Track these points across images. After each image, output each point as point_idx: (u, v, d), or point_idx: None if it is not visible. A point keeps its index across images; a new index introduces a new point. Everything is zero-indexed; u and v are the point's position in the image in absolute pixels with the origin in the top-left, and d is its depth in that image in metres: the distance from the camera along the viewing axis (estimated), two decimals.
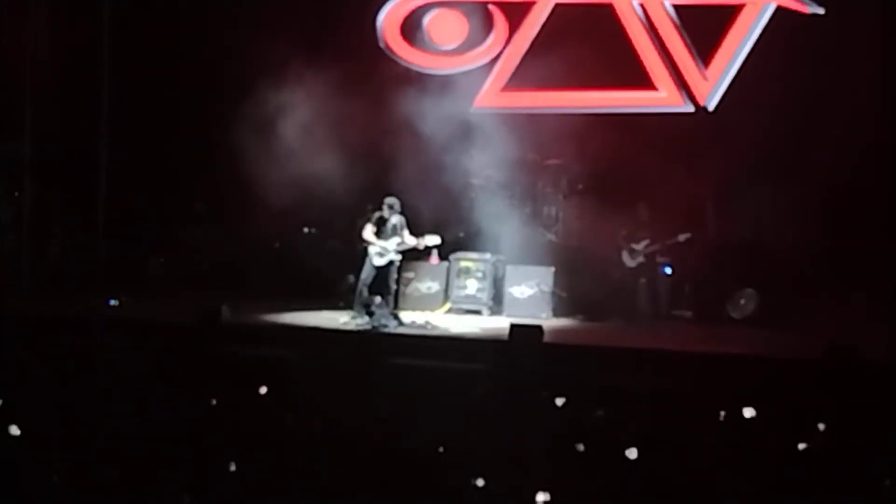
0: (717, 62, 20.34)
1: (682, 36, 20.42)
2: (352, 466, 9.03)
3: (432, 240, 18.52)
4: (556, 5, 20.79)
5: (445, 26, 21.20)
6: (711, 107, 20.36)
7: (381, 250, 18.26)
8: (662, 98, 20.51)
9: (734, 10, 20.28)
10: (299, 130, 19.94)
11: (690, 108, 20.38)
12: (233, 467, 9.08)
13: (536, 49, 20.79)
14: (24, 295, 20.16)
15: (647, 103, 20.57)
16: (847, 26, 19.71)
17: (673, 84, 20.42)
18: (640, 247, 19.94)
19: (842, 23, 19.68)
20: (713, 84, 20.33)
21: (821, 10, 19.85)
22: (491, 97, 21.06)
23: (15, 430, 9.55)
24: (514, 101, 21.06)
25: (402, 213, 18.42)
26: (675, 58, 20.45)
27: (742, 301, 19.84)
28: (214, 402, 10.73)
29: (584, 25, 20.32)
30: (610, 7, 20.56)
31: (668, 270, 20.17)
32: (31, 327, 16.01)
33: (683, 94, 20.41)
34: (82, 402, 10.58)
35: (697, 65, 20.38)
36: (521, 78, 20.92)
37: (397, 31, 21.23)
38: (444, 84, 20.48)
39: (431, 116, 19.83)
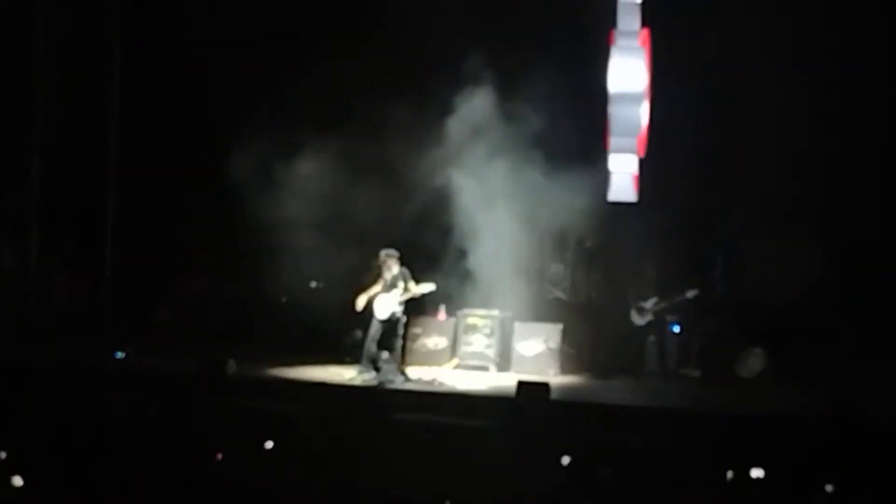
0: None
1: None
2: None
3: (427, 287, 18.49)
4: None
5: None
6: None
7: (384, 302, 18.29)
8: None
9: None
10: (307, 184, 19.97)
11: None
12: None
13: None
14: (29, 345, 20.13)
15: None
16: (848, 69, 19.71)
17: None
18: (648, 304, 19.88)
19: (843, 64, 19.68)
20: None
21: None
22: None
23: (18, 481, 9.52)
24: None
25: (402, 264, 18.42)
26: None
27: (750, 360, 19.79)
28: (220, 455, 10.69)
29: None
30: None
31: (677, 329, 20.13)
32: (36, 377, 15.99)
33: None
34: (87, 452, 10.54)
35: None
36: None
37: None
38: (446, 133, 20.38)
39: (443, 170, 19.87)
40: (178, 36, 21.77)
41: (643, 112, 19.89)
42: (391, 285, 18.29)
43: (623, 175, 19.99)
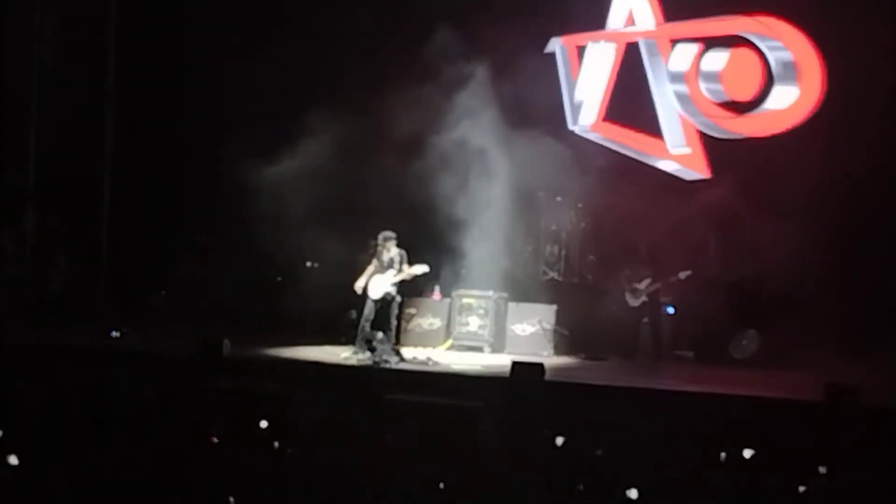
0: None
1: None
2: (352, 502, 9.01)
3: (420, 269, 18.50)
4: None
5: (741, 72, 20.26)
6: None
7: (378, 282, 18.31)
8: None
9: None
10: (302, 164, 19.96)
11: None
12: (232, 501, 9.06)
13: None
14: (25, 325, 20.13)
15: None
16: (853, 66, 19.73)
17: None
18: (642, 286, 19.93)
19: (847, 61, 19.71)
20: None
21: None
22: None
23: (14, 460, 9.52)
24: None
25: (399, 246, 18.42)
26: None
27: (744, 342, 19.83)
28: (215, 435, 10.71)
29: None
30: None
31: (671, 310, 20.17)
32: (32, 358, 16.00)
33: None
34: (82, 433, 10.55)
35: None
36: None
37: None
38: (456, 115, 20.31)
39: (437, 150, 19.86)
40: (175, 17, 21.75)
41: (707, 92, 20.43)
42: (387, 266, 18.30)
43: (681, 155, 20.56)
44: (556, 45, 21.37)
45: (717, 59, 20.40)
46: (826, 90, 19.81)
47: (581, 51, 21.41)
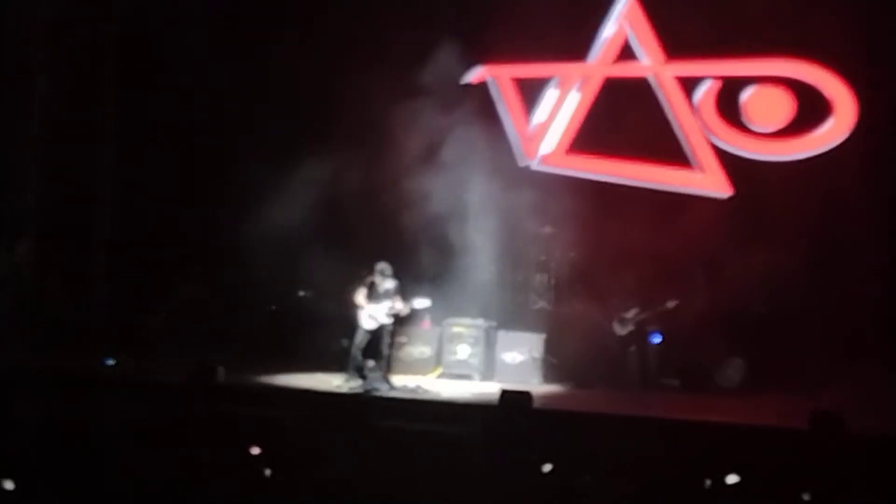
0: None
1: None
2: None
3: (421, 303, 18.62)
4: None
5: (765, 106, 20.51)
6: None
7: (372, 313, 18.42)
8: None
9: None
10: (296, 193, 20.10)
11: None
12: None
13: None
14: (20, 351, 20.17)
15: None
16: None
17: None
18: (629, 315, 20.06)
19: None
20: None
21: None
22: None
23: (9, 485, 9.62)
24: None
25: (394, 278, 18.55)
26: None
27: (730, 370, 19.92)
28: (208, 461, 10.81)
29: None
30: None
31: (658, 339, 20.28)
32: (27, 384, 16.05)
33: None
34: (76, 459, 10.65)
35: None
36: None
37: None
38: (447, 148, 20.47)
39: (429, 181, 19.99)
40: (177, 40, 21.83)
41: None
42: (382, 298, 18.42)
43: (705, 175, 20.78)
44: (483, 75, 21.37)
45: (745, 94, 20.58)
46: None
47: (520, 82, 21.45)
